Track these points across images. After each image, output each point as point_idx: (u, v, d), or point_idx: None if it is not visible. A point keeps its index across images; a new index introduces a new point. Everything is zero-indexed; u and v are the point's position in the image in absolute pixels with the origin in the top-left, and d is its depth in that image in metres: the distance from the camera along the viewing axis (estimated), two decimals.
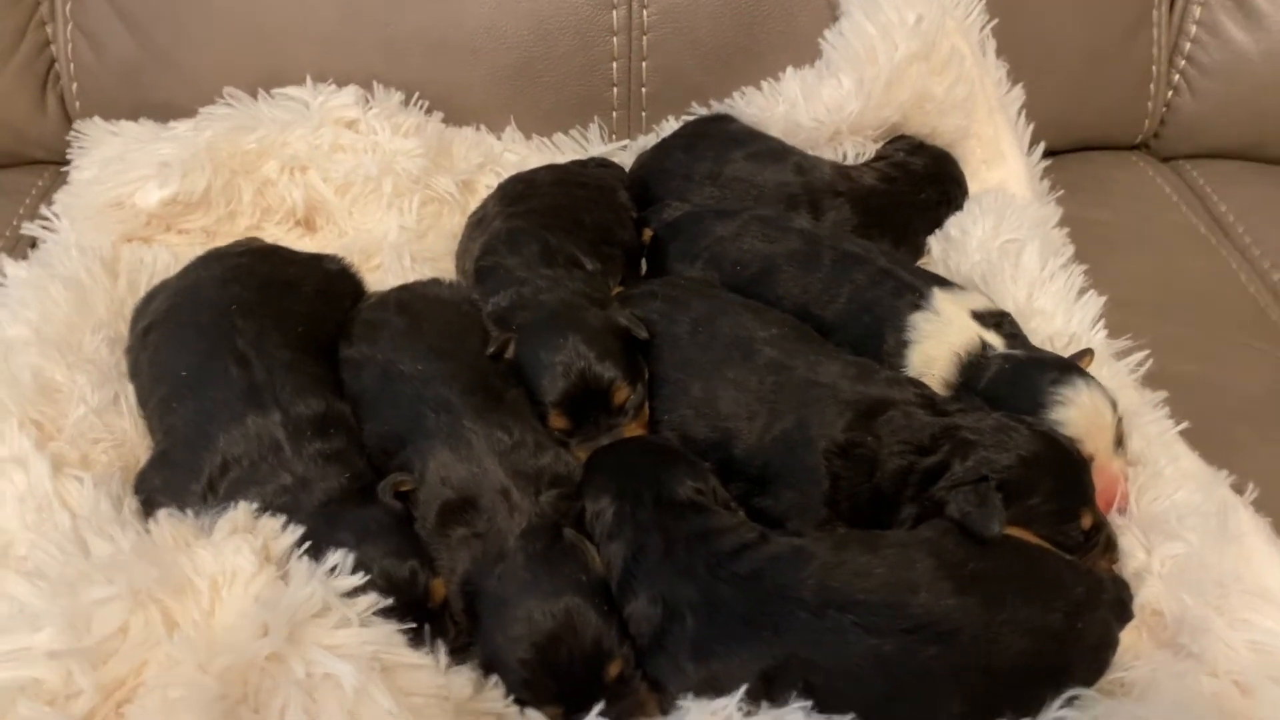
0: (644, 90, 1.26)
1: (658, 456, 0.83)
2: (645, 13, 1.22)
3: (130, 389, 0.90)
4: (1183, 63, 1.37)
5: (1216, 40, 1.35)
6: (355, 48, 1.22)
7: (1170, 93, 1.38)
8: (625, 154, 1.26)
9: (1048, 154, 1.28)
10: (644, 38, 1.23)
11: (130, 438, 0.87)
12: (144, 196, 1.07)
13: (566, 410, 0.87)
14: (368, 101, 1.19)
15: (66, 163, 1.27)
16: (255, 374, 0.85)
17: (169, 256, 1.06)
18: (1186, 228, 1.26)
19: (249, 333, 0.89)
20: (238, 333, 0.88)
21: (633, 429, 0.88)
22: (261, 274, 0.96)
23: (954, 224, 1.13)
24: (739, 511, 0.84)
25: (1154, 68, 1.35)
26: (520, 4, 1.21)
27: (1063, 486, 0.79)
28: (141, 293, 1.00)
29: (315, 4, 1.21)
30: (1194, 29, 1.36)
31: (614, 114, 1.27)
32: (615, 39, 1.23)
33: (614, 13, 1.22)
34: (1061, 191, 1.24)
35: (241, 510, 0.75)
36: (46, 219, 1.10)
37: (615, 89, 1.25)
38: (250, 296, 0.92)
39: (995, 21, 1.22)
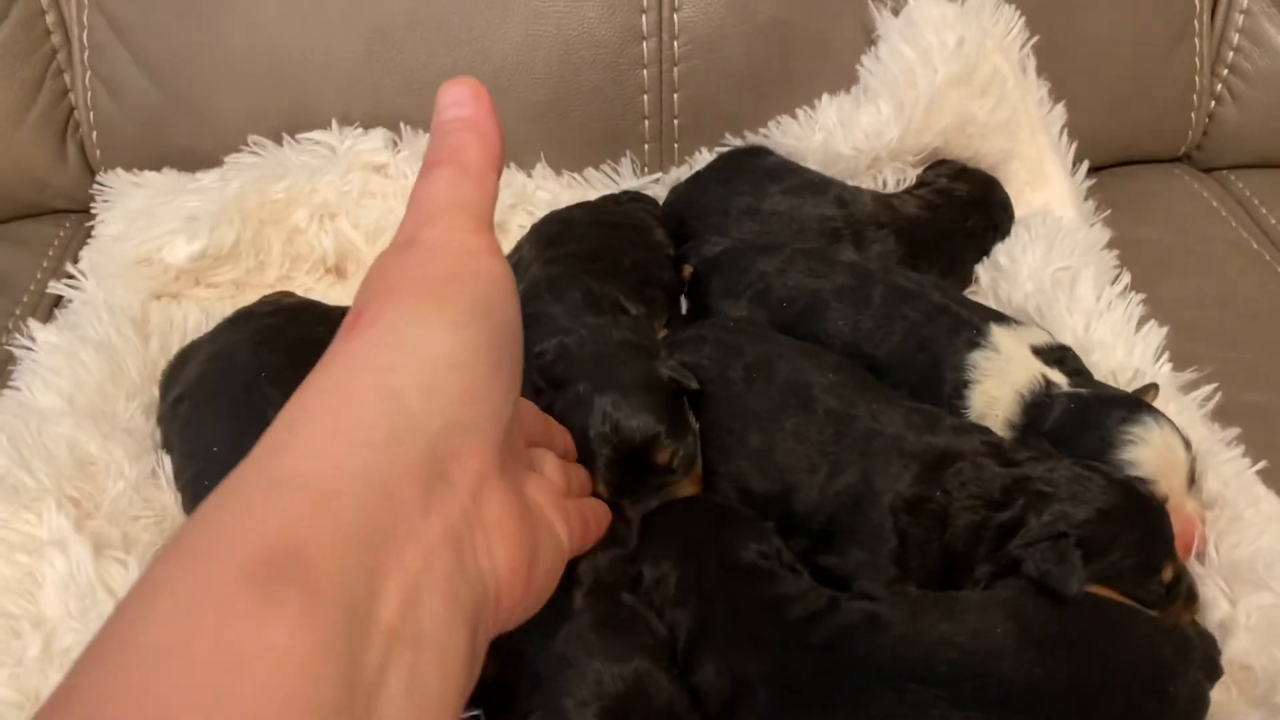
0: (676, 122, 1.23)
1: (718, 517, 0.80)
2: (676, 44, 1.19)
3: (167, 460, 0.87)
4: (1225, 72, 1.34)
5: (1260, 48, 1.32)
6: (380, 89, 1.19)
7: (1213, 103, 1.35)
8: (658, 187, 1.23)
9: (1090, 170, 1.25)
10: (675, 69, 1.20)
11: (171, 512, 0.84)
12: (172, 252, 1.04)
13: (610, 478, 0.82)
14: (396, 144, 1.17)
15: (88, 212, 1.25)
16: None
17: (200, 314, 1.04)
18: (1237, 243, 1.22)
19: (280, 403, 0.84)
20: (269, 404, 0.84)
21: (685, 487, 0.85)
22: (291, 335, 0.93)
23: (1002, 251, 1.10)
24: (804, 573, 0.81)
25: (1197, 78, 1.32)
26: (547, 39, 1.18)
27: (1144, 539, 0.75)
28: (173, 353, 0.97)
29: (338, 45, 1.19)
30: (1236, 37, 1.32)
31: (646, 147, 1.24)
32: (646, 71, 1.20)
33: (644, 44, 1.19)
34: (1108, 211, 1.21)
35: None
36: (73, 277, 1.07)
37: (647, 122, 1.22)
38: (280, 361, 0.89)
39: (1035, 39, 1.19)
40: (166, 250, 1.04)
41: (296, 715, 0.36)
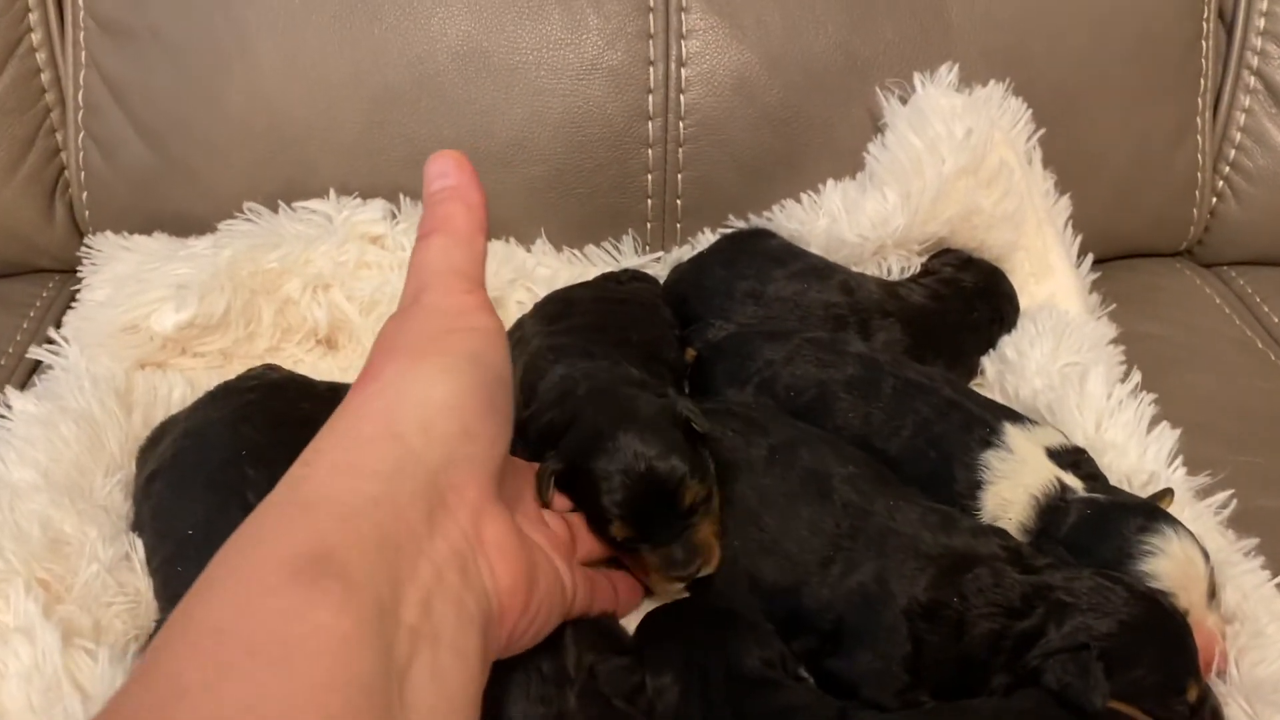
0: (679, 202, 1.21)
1: (721, 623, 0.76)
2: (682, 124, 1.18)
3: (140, 542, 0.83)
4: (1227, 169, 1.34)
5: (1261, 146, 1.32)
6: (380, 159, 1.17)
7: (1214, 199, 1.35)
8: (659, 266, 1.21)
9: (1092, 263, 1.24)
10: (680, 149, 1.19)
11: (146, 598, 0.80)
12: (160, 320, 1.01)
13: (633, 521, 0.78)
14: (394, 216, 1.14)
15: (73, 273, 1.21)
16: None
17: (185, 385, 1.00)
18: (1242, 341, 1.21)
19: (261, 484, 0.80)
20: (248, 484, 0.80)
21: (706, 528, 0.80)
22: (274, 412, 0.89)
23: (1009, 344, 1.08)
24: (809, 680, 0.78)
25: (1199, 174, 1.32)
26: (552, 115, 1.16)
27: (1169, 656, 0.72)
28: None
29: (339, 113, 1.17)
30: (1238, 135, 1.33)
31: (648, 226, 1.22)
32: (650, 151, 1.18)
33: (649, 124, 1.18)
34: (1113, 305, 1.20)
35: None
36: (54, 343, 1.04)
37: (650, 201, 1.21)
38: (262, 439, 0.85)
39: (1041, 131, 1.19)
40: (154, 318, 1.01)
41: (341, 683, 0.42)
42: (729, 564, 0.83)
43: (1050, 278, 1.19)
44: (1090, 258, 1.23)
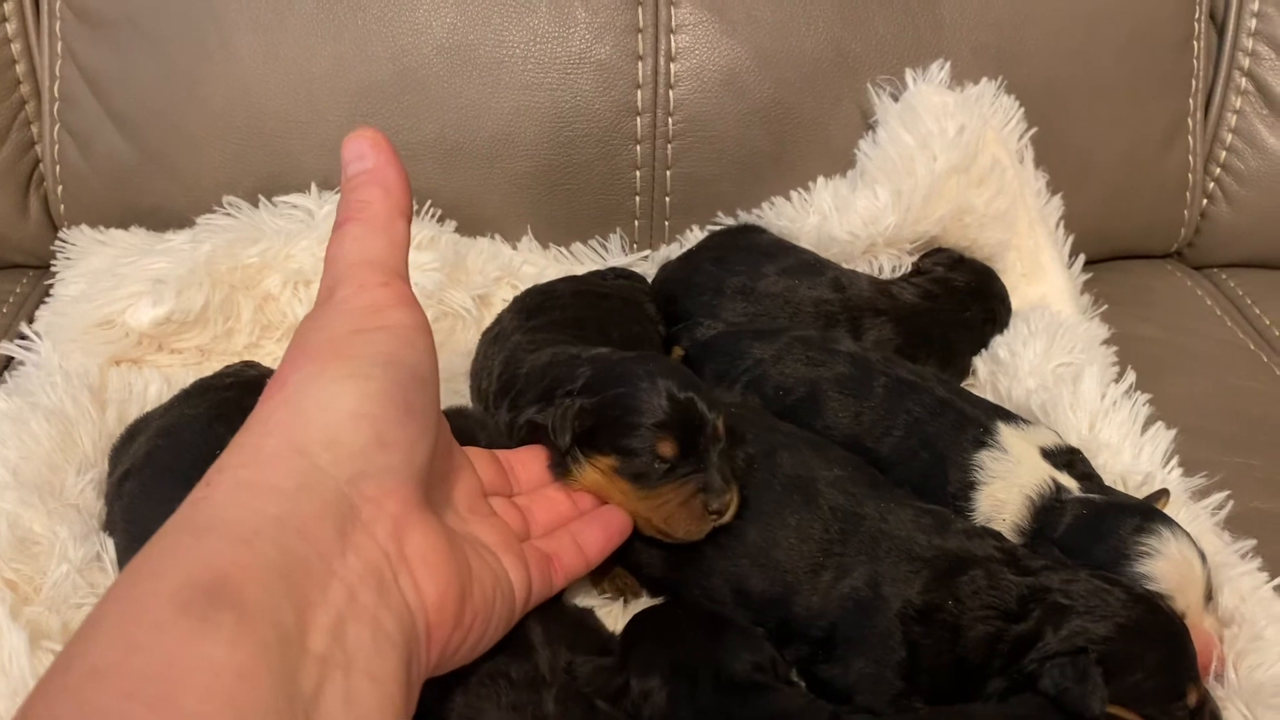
0: (668, 199, 1.19)
1: (709, 626, 0.74)
2: (670, 120, 1.16)
3: (110, 542, 0.80)
4: (1218, 170, 1.33)
5: (1252, 148, 1.32)
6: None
7: (1205, 201, 1.34)
8: (647, 264, 1.19)
9: (1083, 264, 1.23)
10: (669, 146, 1.17)
11: None
12: (136, 315, 0.98)
13: (676, 433, 0.77)
14: None
15: (47, 268, 1.19)
16: None
17: (161, 382, 0.98)
18: (1234, 343, 1.20)
19: None
20: None
21: (728, 465, 0.79)
22: (250, 410, 0.87)
23: (1001, 345, 1.07)
24: (800, 685, 0.76)
25: (1190, 175, 1.31)
26: (539, 110, 1.15)
27: (1168, 660, 0.71)
28: None
29: (321, 106, 1.15)
30: (1229, 137, 1.32)
31: (636, 223, 1.21)
32: (639, 147, 1.17)
33: (638, 119, 1.16)
34: (1105, 306, 1.19)
35: None
36: (26, 338, 1.01)
37: (638, 198, 1.19)
38: None
39: (1034, 130, 1.17)
40: (130, 313, 0.98)
41: (238, 715, 0.40)
42: (711, 578, 0.81)
43: (1042, 278, 1.18)
44: (1082, 258, 1.22)
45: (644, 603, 0.84)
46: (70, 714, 0.39)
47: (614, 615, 0.82)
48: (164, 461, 0.83)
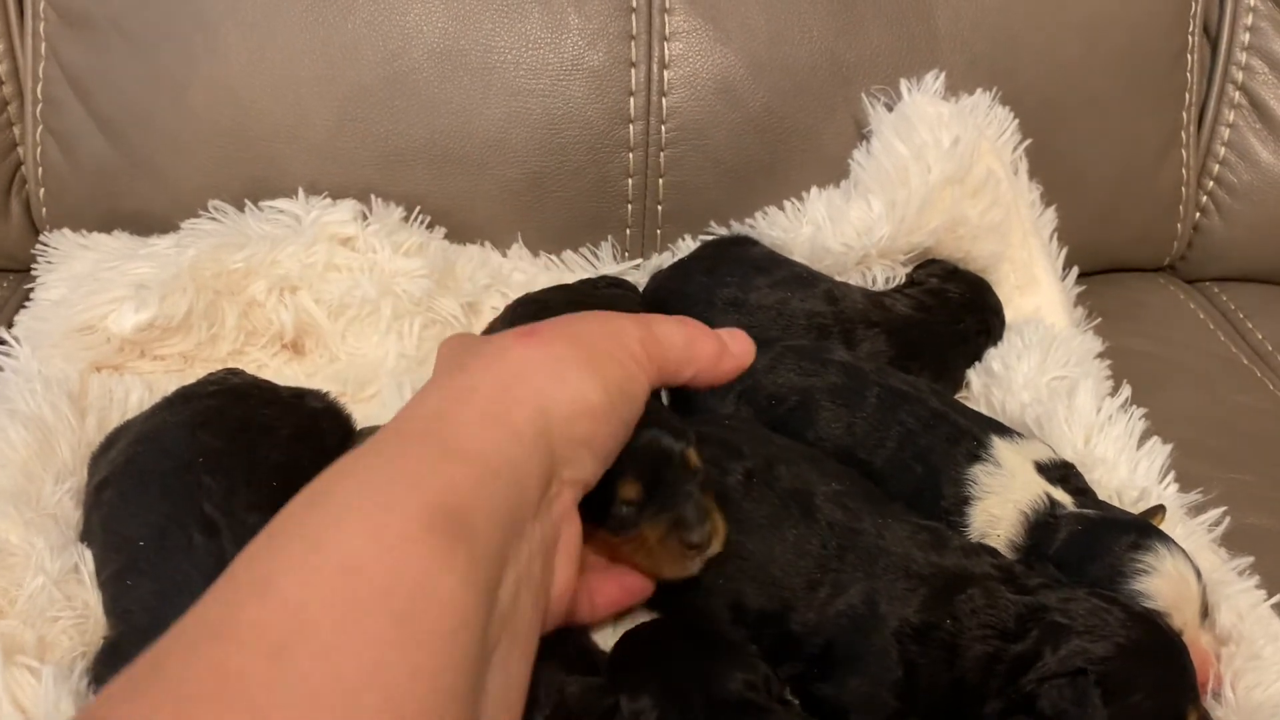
0: (660, 208, 1.18)
1: (700, 645, 0.73)
2: (664, 128, 1.15)
3: (89, 552, 0.78)
4: (1211, 184, 1.33)
5: (1245, 161, 1.32)
6: (352, 158, 1.14)
7: (1198, 214, 1.34)
8: (638, 273, 1.18)
9: (1076, 277, 1.22)
10: (661, 154, 1.16)
11: (95, 612, 0.75)
12: (118, 321, 0.96)
13: (636, 474, 0.72)
14: (365, 217, 1.10)
15: (27, 271, 1.17)
16: (224, 544, 0.73)
17: (143, 389, 0.96)
18: (1227, 358, 1.20)
19: (217, 492, 0.76)
20: (204, 492, 0.76)
21: (709, 499, 0.75)
22: (234, 418, 0.84)
23: (995, 357, 1.06)
24: (795, 705, 0.74)
25: (1183, 189, 1.31)
26: (531, 116, 1.13)
27: (1168, 680, 0.70)
28: None
29: (309, 110, 1.13)
30: (1222, 150, 1.32)
31: (627, 232, 1.19)
32: (631, 154, 1.16)
33: (630, 127, 1.15)
34: (1098, 320, 1.18)
35: None
36: (5, 343, 0.99)
37: (630, 206, 1.18)
38: (219, 446, 0.80)
39: (1028, 142, 1.17)
40: (112, 318, 0.97)
41: (454, 664, 0.41)
42: (707, 595, 0.79)
43: (1036, 290, 1.17)
44: (1075, 271, 1.21)
45: (635, 618, 0.83)
46: (322, 602, 0.39)
47: (604, 632, 0.81)
48: (144, 469, 0.80)
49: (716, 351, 0.70)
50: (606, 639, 0.79)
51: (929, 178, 1.08)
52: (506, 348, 0.58)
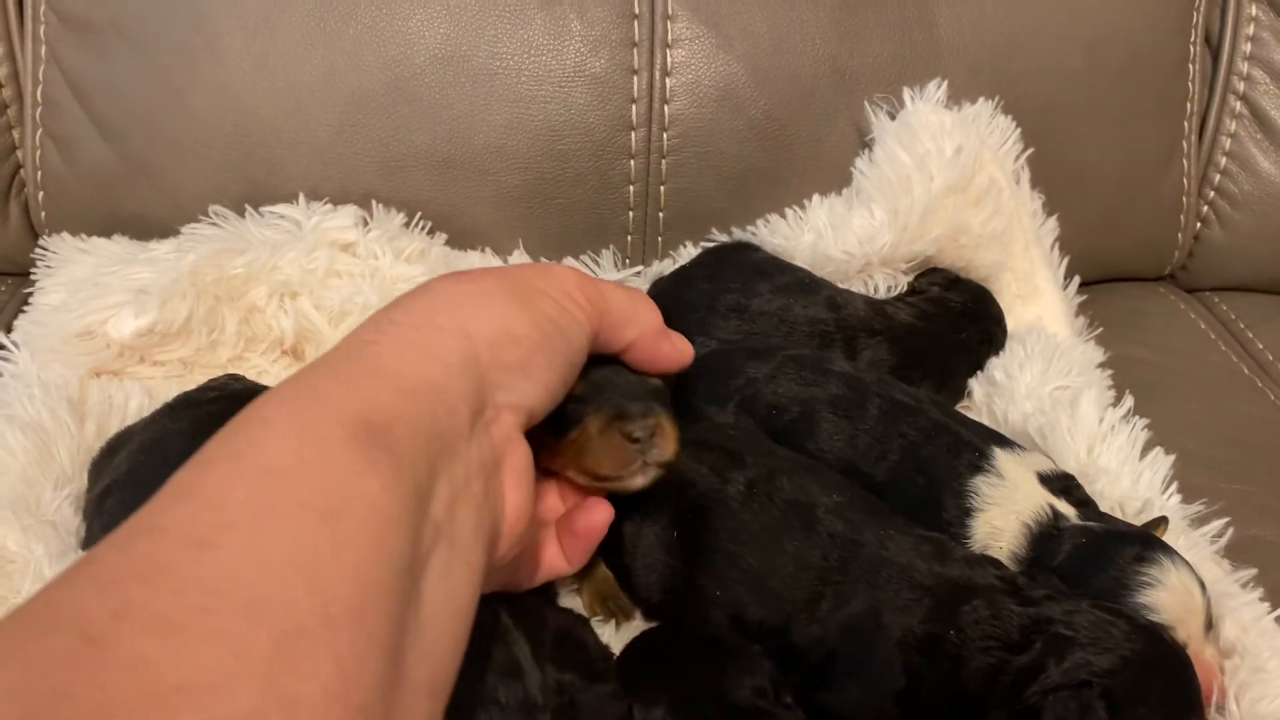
0: (661, 215, 1.18)
1: (710, 652, 0.73)
2: (666, 135, 1.15)
3: None
4: (1212, 194, 1.33)
5: (1246, 171, 1.32)
6: (353, 163, 1.13)
7: (1199, 224, 1.34)
8: (639, 280, 1.18)
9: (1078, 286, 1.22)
10: (663, 161, 1.16)
11: None
12: (117, 326, 0.96)
13: (588, 370, 0.71)
14: (366, 223, 1.10)
15: (26, 275, 1.16)
16: None
17: (142, 395, 0.95)
18: (1229, 368, 1.20)
19: None
20: None
21: (667, 416, 0.74)
22: None
23: (997, 367, 1.06)
24: (799, 711, 0.74)
25: (1184, 198, 1.31)
26: (533, 123, 1.13)
27: (1173, 693, 0.69)
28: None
29: (310, 115, 1.13)
30: (1223, 160, 1.32)
31: (629, 238, 1.19)
32: (633, 161, 1.15)
33: (633, 134, 1.14)
34: (1099, 329, 1.18)
35: None
36: (3, 348, 0.98)
37: (631, 213, 1.18)
38: None
39: (1030, 151, 1.17)
40: (112, 324, 0.96)
41: (379, 557, 0.41)
42: (708, 607, 0.79)
43: (1037, 300, 1.17)
44: (1076, 280, 1.21)
45: (636, 627, 0.83)
46: (244, 502, 0.40)
47: (606, 639, 0.80)
48: (147, 477, 0.80)
49: (659, 326, 0.72)
50: (606, 639, 0.79)
51: (932, 186, 1.08)
52: (432, 285, 0.60)
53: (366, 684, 0.39)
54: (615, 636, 0.81)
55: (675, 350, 0.75)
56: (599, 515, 0.73)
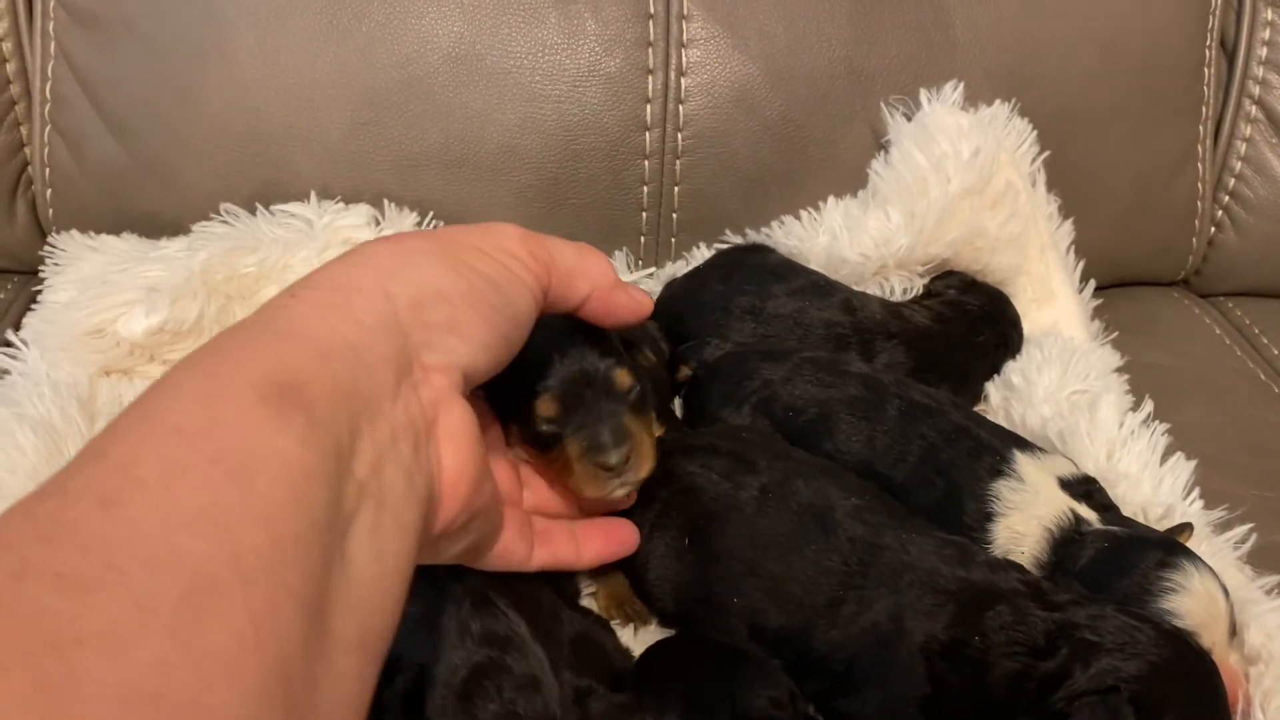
0: (675, 216, 1.17)
1: (725, 660, 0.72)
2: (680, 136, 1.14)
3: None
4: (1226, 198, 1.32)
5: (1261, 176, 1.31)
6: (365, 162, 1.12)
7: (1213, 229, 1.33)
8: (652, 282, 1.17)
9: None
10: (677, 162, 1.15)
11: None
12: (128, 325, 0.95)
13: (555, 390, 0.73)
14: (378, 222, 1.09)
15: (33, 273, 1.15)
16: None
17: None
18: (1244, 373, 1.19)
19: None
20: None
21: (638, 422, 0.75)
22: None
23: (1015, 371, 1.05)
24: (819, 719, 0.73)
25: (1199, 203, 1.30)
26: (546, 122, 1.12)
27: (1200, 700, 0.69)
28: None
29: (322, 113, 1.12)
30: (1238, 164, 1.31)
31: (642, 239, 1.18)
32: (647, 162, 1.14)
33: (647, 135, 1.14)
34: (1115, 333, 1.17)
35: None
36: (12, 346, 0.97)
37: (645, 214, 1.17)
38: None
39: (1046, 154, 1.16)
40: (122, 322, 0.95)
41: (295, 511, 0.41)
42: (725, 614, 0.78)
43: (1052, 304, 1.16)
44: (1092, 284, 1.20)
45: (653, 631, 0.82)
46: (153, 461, 0.40)
47: (624, 643, 0.79)
48: None
49: (612, 278, 0.69)
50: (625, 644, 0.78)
51: (948, 189, 1.07)
52: (355, 249, 0.59)
53: (284, 636, 0.38)
54: (634, 640, 0.80)
55: (633, 301, 0.71)
56: (626, 538, 0.77)
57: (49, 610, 0.34)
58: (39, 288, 1.10)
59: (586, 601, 0.84)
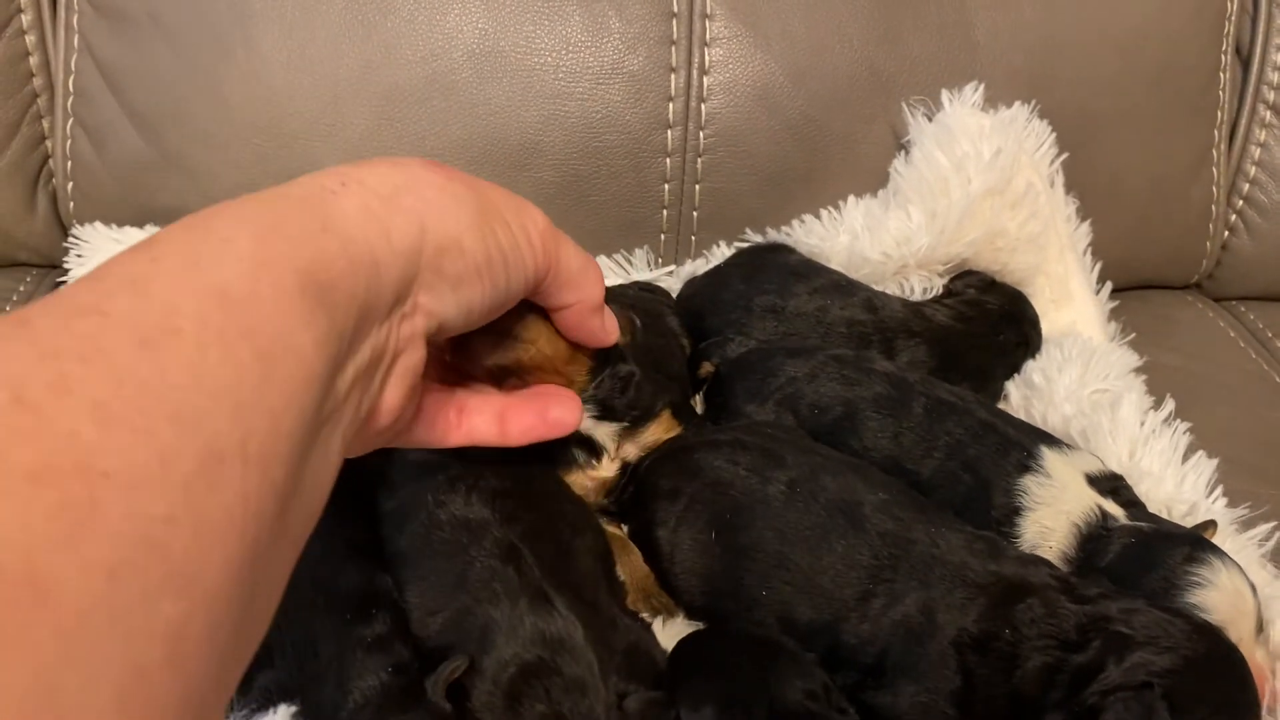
0: (696, 214, 1.17)
1: (760, 653, 0.72)
2: (702, 134, 1.14)
3: None
4: (1240, 203, 1.33)
5: (1275, 181, 1.32)
6: (388, 157, 1.12)
7: (1227, 233, 1.34)
8: (672, 279, 1.17)
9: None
10: (699, 160, 1.15)
11: None
12: None
13: None
14: None
15: (53, 266, 1.15)
16: None
17: None
18: (1260, 376, 1.19)
19: None
20: None
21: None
22: None
23: (1035, 370, 1.05)
24: (852, 712, 0.73)
25: (1213, 207, 1.31)
26: (568, 119, 1.13)
27: (1233, 695, 0.69)
28: None
29: (346, 109, 1.12)
30: (1253, 169, 1.32)
31: (662, 237, 1.19)
32: (669, 160, 1.15)
33: (669, 133, 1.14)
34: (1132, 335, 1.18)
35: None
36: None
37: (665, 211, 1.17)
38: None
39: (1065, 156, 1.17)
40: None
41: (296, 413, 0.43)
42: (754, 607, 0.79)
43: (1070, 305, 1.17)
44: (1109, 285, 1.21)
45: (680, 624, 0.82)
46: (193, 316, 0.40)
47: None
48: None
49: (599, 299, 0.70)
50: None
51: (970, 189, 1.08)
52: (411, 164, 0.58)
53: (262, 524, 0.39)
54: (663, 633, 0.80)
55: (602, 329, 0.72)
56: (560, 420, 0.73)
57: (82, 436, 0.34)
58: (61, 279, 1.10)
59: None
